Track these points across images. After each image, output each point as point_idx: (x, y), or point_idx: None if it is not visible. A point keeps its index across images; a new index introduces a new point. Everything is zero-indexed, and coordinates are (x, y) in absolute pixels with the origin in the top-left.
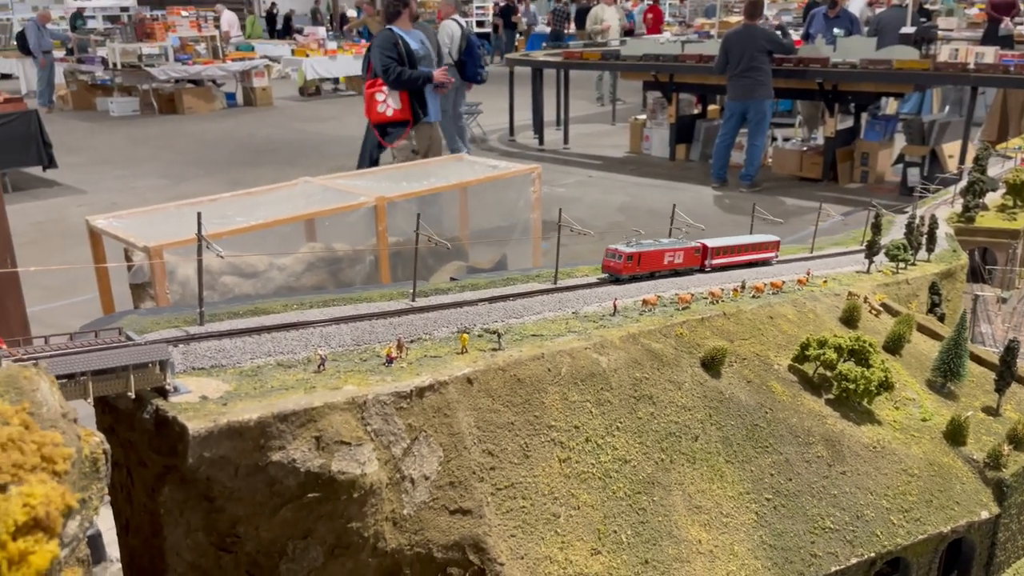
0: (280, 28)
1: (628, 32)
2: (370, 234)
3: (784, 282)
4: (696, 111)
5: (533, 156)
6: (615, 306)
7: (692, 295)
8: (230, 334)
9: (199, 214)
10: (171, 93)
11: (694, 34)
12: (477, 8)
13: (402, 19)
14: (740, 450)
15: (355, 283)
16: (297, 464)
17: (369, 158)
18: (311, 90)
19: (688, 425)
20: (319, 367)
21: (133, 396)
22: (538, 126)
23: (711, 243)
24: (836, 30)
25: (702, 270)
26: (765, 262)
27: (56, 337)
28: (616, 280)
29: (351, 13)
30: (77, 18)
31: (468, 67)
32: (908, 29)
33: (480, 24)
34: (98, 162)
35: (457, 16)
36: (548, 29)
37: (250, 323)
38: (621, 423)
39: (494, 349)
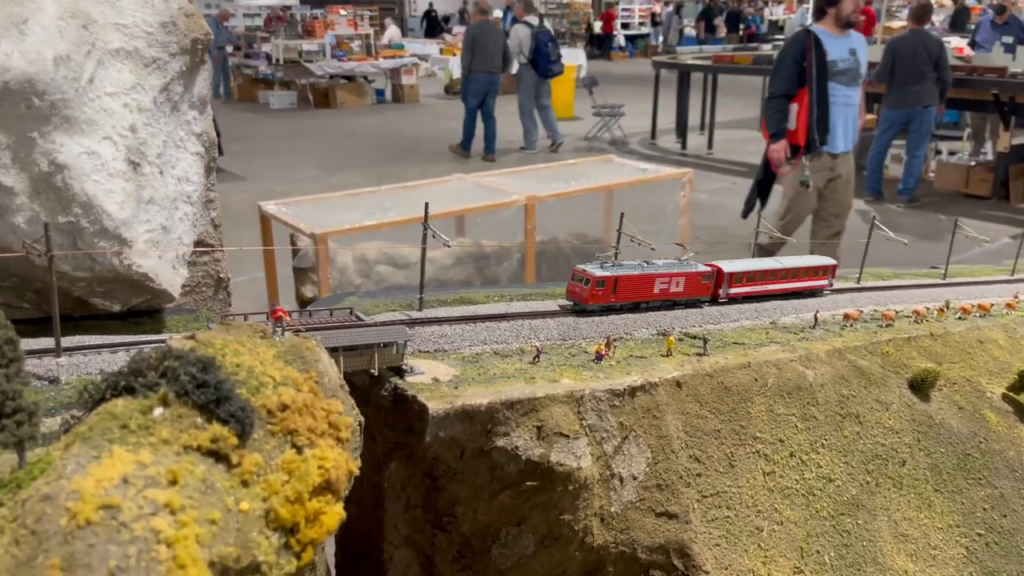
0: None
1: None
2: (518, 232)
3: (992, 304)
4: None
5: (674, 160)
6: (816, 318)
7: (896, 312)
8: (449, 321)
9: (426, 204)
10: (326, 88)
11: None
12: (623, 10)
13: (827, 19)
14: (950, 480)
15: (501, 280)
16: (519, 451)
17: (757, 186)
18: (456, 88)
19: (895, 448)
20: (535, 359)
21: (375, 373)
22: (681, 130)
23: (729, 266)
24: (1006, 38)
25: (714, 301)
26: (812, 292)
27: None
28: (582, 311)
29: (497, 13)
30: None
31: (540, 64)
32: None
33: (625, 27)
34: (258, 152)
35: (529, 18)
36: (693, 33)
37: (465, 311)
38: (826, 440)
39: (699, 354)
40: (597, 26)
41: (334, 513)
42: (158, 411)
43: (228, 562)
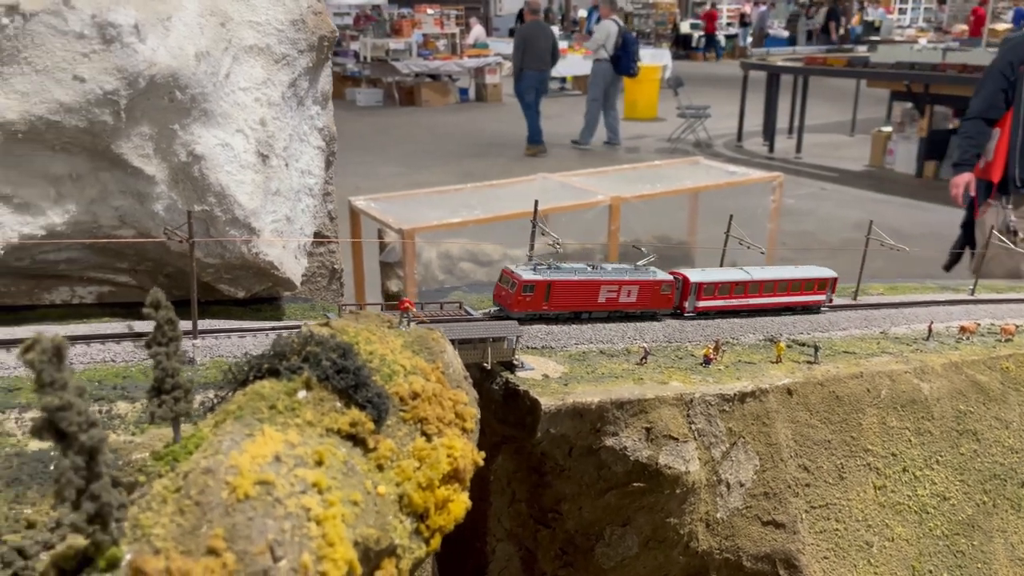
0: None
1: None
2: (601, 233)
3: None
4: (951, 125)
5: (761, 164)
6: (930, 329)
7: (1016, 326)
8: (556, 319)
9: (536, 202)
10: (411, 86)
11: (954, 41)
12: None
13: None
14: None
15: None
16: (628, 452)
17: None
18: (556, 88)
19: (1015, 469)
20: (642, 360)
21: (488, 367)
22: (769, 133)
23: (698, 276)
24: None
25: (678, 314)
26: (806, 308)
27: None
28: (507, 319)
29: (581, 13)
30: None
31: (622, 62)
32: None
33: (695, 26)
34: (344, 148)
35: (616, 16)
36: (786, 33)
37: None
38: (941, 457)
39: (809, 362)
40: (685, 25)
41: (460, 501)
42: (302, 394)
43: (370, 543)
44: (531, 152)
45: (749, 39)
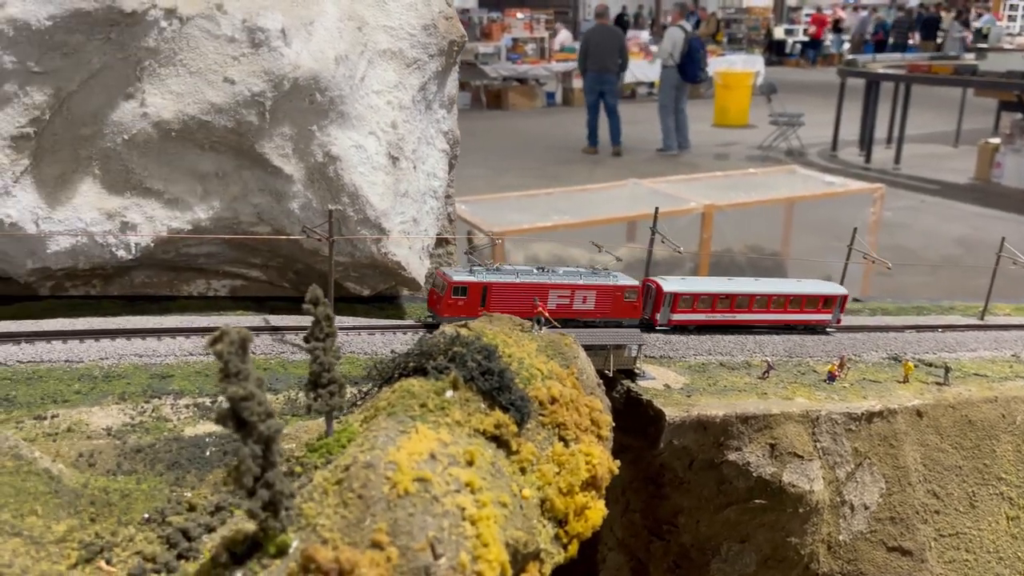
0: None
1: None
2: (690, 241)
3: None
4: None
5: (856, 174)
6: None
7: None
8: (675, 330)
9: (656, 208)
10: (499, 90)
11: None
12: (806, 15)
13: None
14: None
15: None
16: (751, 468)
17: None
18: (626, 93)
19: None
20: (764, 374)
21: (610, 374)
22: (866, 142)
23: (673, 284)
24: None
25: (649, 326)
26: (809, 328)
27: None
28: (436, 326)
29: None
30: None
31: (689, 68)
32: None
33: (789, 32)
34: None
35: (683, 22)
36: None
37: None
38: None
39: (939, 383)
40: (779, 31)
41: (598, 509)
42: (449, 393)
43: (519, 546)
44: (586, 151)
45: (845, 45)
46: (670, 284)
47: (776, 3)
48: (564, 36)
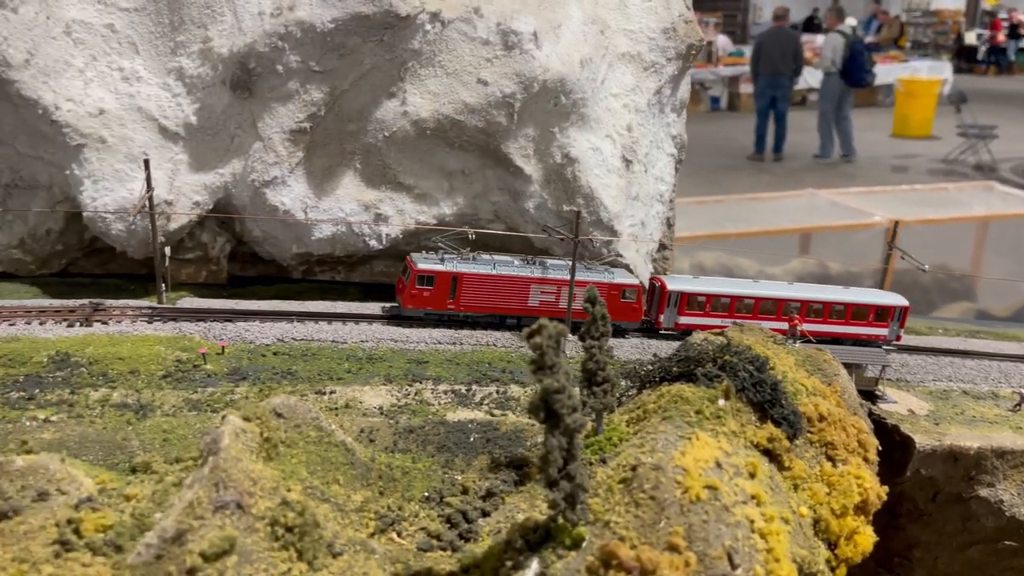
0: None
1: None
2: (872, 256)
3: None
4: None
5: None
6: None
7: None
8: (911, 350)
9: (896, 222)
10: None
11: None
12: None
13: None
14: None
15: None
16: (1004, 506)
17: None
18: (796, 99)
19: None
20: (1016, 406)
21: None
22: None
23: (679, 283)
24: None
25: (650, 328)
26: (858, 342)
27: None
28: (400, 318)
29: (851, 21)
30: None
31: (853, 73)
32: None
33: (982, 37)
34: None
35: (842, 27)
36: None
37: (923, 341)
38: None
39: None
40: (971, 36)
41: (867, 535)
42: (721, 402)
43: (804, 564)
44: (751, 158)
45: None
46: (676, 283)
47: (968, 5)
48: (723, 42)
